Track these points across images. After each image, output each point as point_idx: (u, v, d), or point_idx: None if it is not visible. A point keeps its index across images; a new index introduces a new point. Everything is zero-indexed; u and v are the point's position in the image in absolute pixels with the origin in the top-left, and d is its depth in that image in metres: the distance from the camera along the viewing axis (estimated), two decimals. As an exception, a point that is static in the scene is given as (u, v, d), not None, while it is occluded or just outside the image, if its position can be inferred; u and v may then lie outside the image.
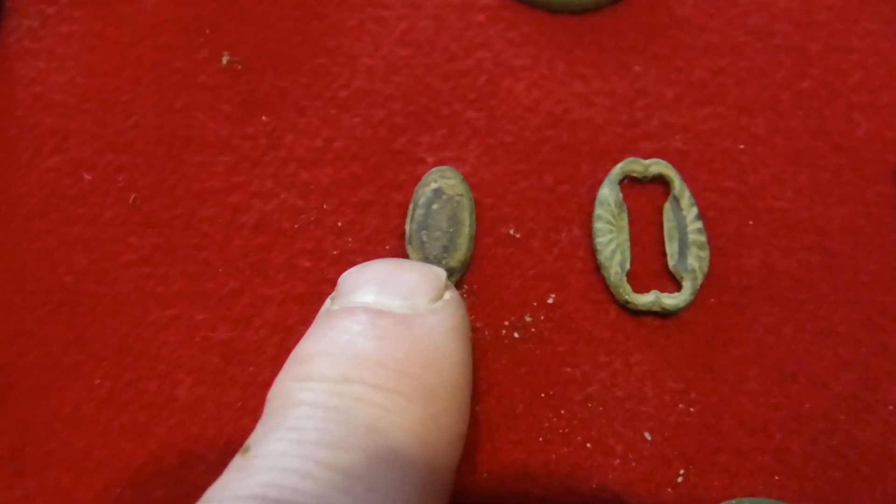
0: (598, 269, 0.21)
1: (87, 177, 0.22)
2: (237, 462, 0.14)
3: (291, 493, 0.13)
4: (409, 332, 0.16)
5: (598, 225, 0.21)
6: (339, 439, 0.14)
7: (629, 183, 0.22)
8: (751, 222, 0.22)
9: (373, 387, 0.15)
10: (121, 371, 0.20)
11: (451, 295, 0.17)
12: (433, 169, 0.22)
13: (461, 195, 0.21)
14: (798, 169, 0.22)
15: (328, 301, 0.17)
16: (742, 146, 0.22)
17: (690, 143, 0.23)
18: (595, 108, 0.23)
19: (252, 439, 0.15)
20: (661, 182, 0.22)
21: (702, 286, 0.21)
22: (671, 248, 0.21)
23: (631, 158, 0.22)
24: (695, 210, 0.21)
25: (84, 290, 0.21)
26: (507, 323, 0.20)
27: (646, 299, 0.20)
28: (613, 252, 0.21)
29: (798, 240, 0.21)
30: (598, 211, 0.21)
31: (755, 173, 0.22)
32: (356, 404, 0.15)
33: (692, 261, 0.21)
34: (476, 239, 0.21)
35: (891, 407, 0.20)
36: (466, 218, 0.21)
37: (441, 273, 0.17)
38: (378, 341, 0.15)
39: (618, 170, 0.22)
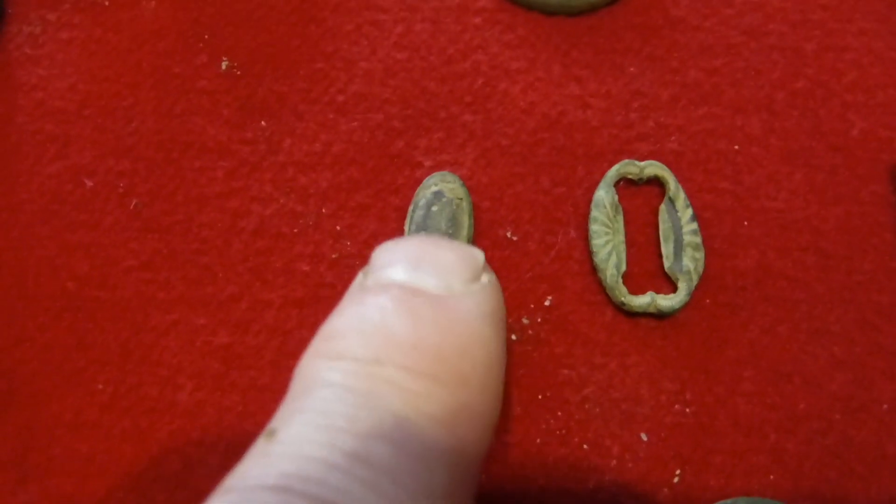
0: (594, 270, 0.21)
1: (89, 183, 0.22)
2: (261, 446, 0.14)
3: (317, 487, 0.13)
4: (444, 315, 0.15)
5: (593, 227, 0.21)
6: (367, 428, 0.14)
7: (625, 185, 0.22)
8: (746, 223, 0.22)
9: (405, 370, 0.14)
10: (122, 376, 0.20)
11: (488, 278, 0.16)
12: (434, 173, 0.22)
13: (461, 199, 0.21)
14: (793, 169, 0.22)
15: (360, 275, 0.17)
16: (737, 147, 0.23)
17: (685, 143, 0.23)
18: (591, 110, 0.23)
19: (277, 420, 0.14)
20: (657, 184, 0.22)
21: (697, 287, 0.21)
22: (667, 250, 0.21)
23: (626, 161, 0.22)
24: (690, 211, 0.21)
25: (85, 295, 0.21)
26: (504, 325, 0.21)
27: (641, 301, 0.20)
28: (609, 254, 0.21)
29: (793, 240, 0.21)
30: (594, 213, 0.21)
31: (750, 174, 0.22)
32: (387, 388, 0.14)
33: (687, 262, 0.21)
34: (473, 241, 0.21)
35: (886, 406, 0.20)
36: (465, 220, 0.21)
37: (479, 254, 0.17)
38: (412, 322, 0.15)
39: (613, 172, 0.22)
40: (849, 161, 0.22)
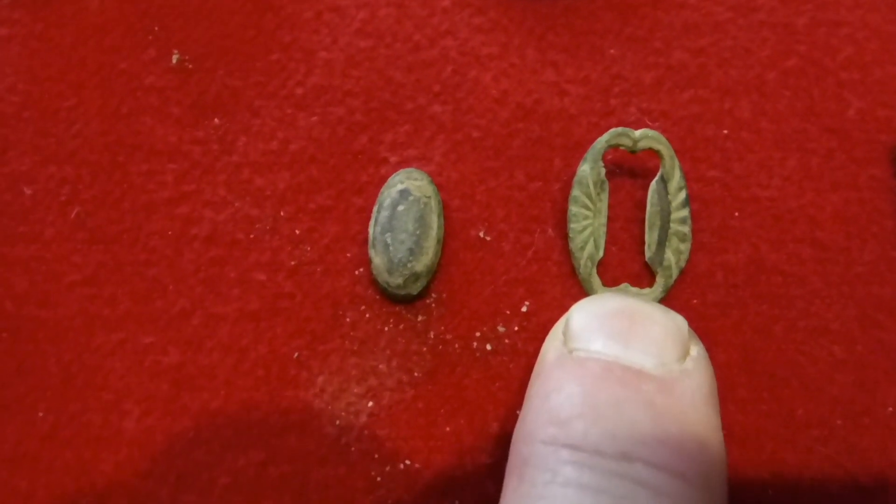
0: (574, 273, 0.20)
1: (28, 191, 0.21)
2: None
3: None
4: (675, 402, 0.14)
5: (572, 209, 0.20)
6: None
7: (616, 160, 0.21)
8: (736, 214, 0.20)
9: (655, 468, 0.13)
10: (64, 403, 0.19)
11: (697, 350, 0.16)
12: (400, 170, 0.20)
13: (429, 197, 0.20)
14: (786, 154, 0.21)
15: (558, 337, 0.16)
16: (726, 132, 0.21)
17: (671, 130, 0.21)
18: (568, 97, 0.22)
19: None
20: (652, 159, 0.20)
21: (685, 285, 0.20)
22: (650, 237, 0.20)
23: (619, 129, 0.20)
24: (683, 195, 0.20)
25: (25, 315, 0.20)
26: (478, 334, 0.19)
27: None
28: (585, 241, 0.19)
29: (787, 231, 0.20)
30: (575, 192, 0.20)
31: (740, 161, 0.21)
32: (640, 491, 0.13)
33: (670, 254, 0.19)
34: (444, 243, 0.20)
35: (891, 409, 0.18)
36: (434, 220, 0.20)
37: (683, 323, 0.16)
38: (651, 412, 0.14)
39: (602, 142, 0.20)
40: (845, 144, 0.21)
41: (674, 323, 0.16)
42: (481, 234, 0.20)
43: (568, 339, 0.16)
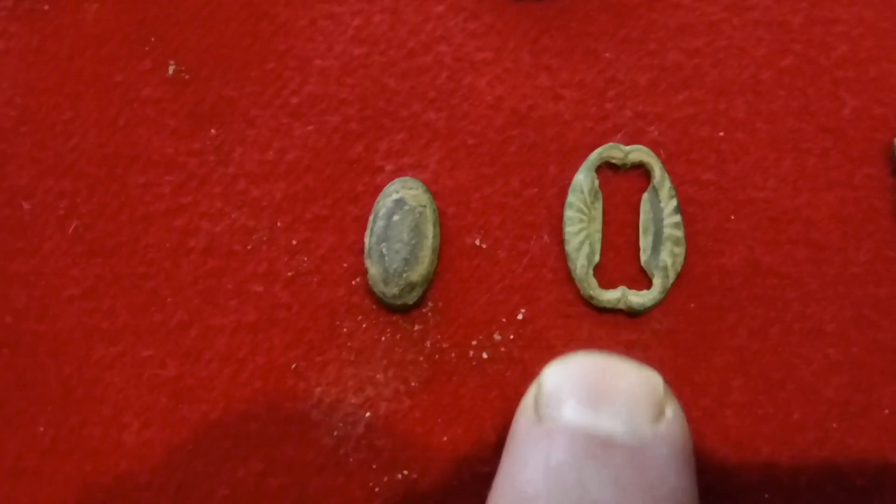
0: (570, 279, 0.20)
1: (26, 205, 0.21)
2: None
3: None
4: (643, 475, 0.14)
5: (568, 213, 0.20)
6: None
7: (608, 172, 0.21)
8: (732, 216, 0.20)
9: None
10: (64, 416, 0.19)
11: (672, 411, 0.15)
12: (395, 180, 0.20)
13: (424, 206, 0.20)
14: (781, 154, 0.21)
15: (531, 402, 0.15)
16: (721, 133, 0.21)
17: (666, 133, 0.21)
18: (563, 101, 0.22)
19: None
20: (643, 171, 0.21)
21: (681, 289, 0.20)
22: (645, 242, 0.20)
23: (610, 144, 0.21)
24: (674, 202, 0.20)
25: (24, 329, 0.20)
26: (474, 342, 0.19)
27: (611, 296, 0.19)
28: (581, 244, 0.19)
29: (783, 232, 0.20)
30: (571, 198, 0.20)
31: (735, 162, 0.21)
32: None
33: (665, 257, 0.19)
34: (439, 251, 0.20)
35: (887, 411, 0.18)
36: (430, 230, 0.20)
37: (658, 381, 0.15)
38: (616, 489, 0.14)
39: (595, 155, 0.20)
40: (840, 143, 0.21)
41: (648, 382, 0.15)
42: (477, 242, 0.20)
43: (539, 404, 0.15)
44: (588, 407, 0.15)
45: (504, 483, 0.15)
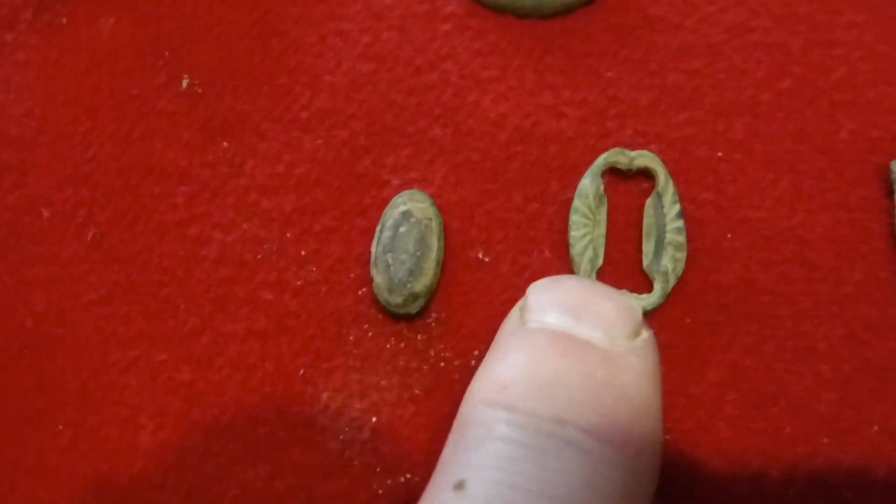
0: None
1: (46, 213, 0.22)
2: (449, 498, 0.14)
3: None
4: (616, 374, 0.15)
5: (573, 217, 0.20)
6: (561, 495, 0.13)
7: (613, 177, 0.21)
8: (729, 235, 0.21)
9: (585, 432, 0.14)
10: (82, 417, 0.20)
11: (648, 334, 0.16)
12: (402, 192, 0.21)
13: (430, 219, 0.21)
14: (778, 175, 0.21)
15: (517, 312, 0.16)
16: (720, 153, 0.22)
17: (665, 152, 0.22)
18: (565, 119, 0.22)
19: (461, 470, 0.14)
20: (647, 177, 0.21)
21: (677, 304, 0.20)
22: (647, 247, 0.20)
23: (616, 149, 0.21)
24: (677, 208, 0.20)
25: (44, 333, 0.20)
26: (476, 353, 0.20)
27: None
28: (586, 247, 0.20)
29: (778, 251, 0.21)
30: (576, 202, 0.21)
31: (733, 182, 0.21)
32: (569, 451, 0.14)
33: (666, 262, 0.20)
34: (443, 264, 0.21)
35: (876, 427, 0.19)
36: (434, 242, 0.20)
37: (637, 307, 0.16)
38: (589, 381, 0.15)
39: (601, 160, 0.21)
40: (836, 164, 0.21)
41: (627, 304, 0.16)
42: (480, 255, 0.21)
43: (524, 313, 0.16)
44: (570, 315, 0.15)
45: (483, 374, 0.15)
